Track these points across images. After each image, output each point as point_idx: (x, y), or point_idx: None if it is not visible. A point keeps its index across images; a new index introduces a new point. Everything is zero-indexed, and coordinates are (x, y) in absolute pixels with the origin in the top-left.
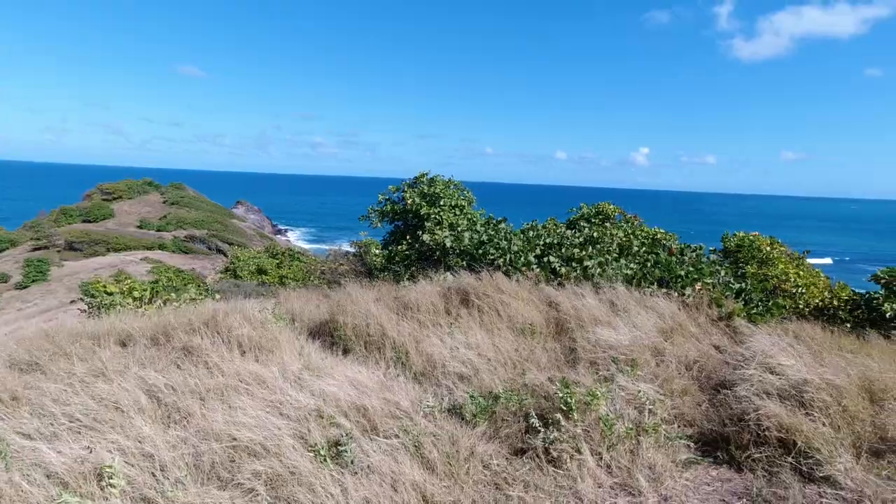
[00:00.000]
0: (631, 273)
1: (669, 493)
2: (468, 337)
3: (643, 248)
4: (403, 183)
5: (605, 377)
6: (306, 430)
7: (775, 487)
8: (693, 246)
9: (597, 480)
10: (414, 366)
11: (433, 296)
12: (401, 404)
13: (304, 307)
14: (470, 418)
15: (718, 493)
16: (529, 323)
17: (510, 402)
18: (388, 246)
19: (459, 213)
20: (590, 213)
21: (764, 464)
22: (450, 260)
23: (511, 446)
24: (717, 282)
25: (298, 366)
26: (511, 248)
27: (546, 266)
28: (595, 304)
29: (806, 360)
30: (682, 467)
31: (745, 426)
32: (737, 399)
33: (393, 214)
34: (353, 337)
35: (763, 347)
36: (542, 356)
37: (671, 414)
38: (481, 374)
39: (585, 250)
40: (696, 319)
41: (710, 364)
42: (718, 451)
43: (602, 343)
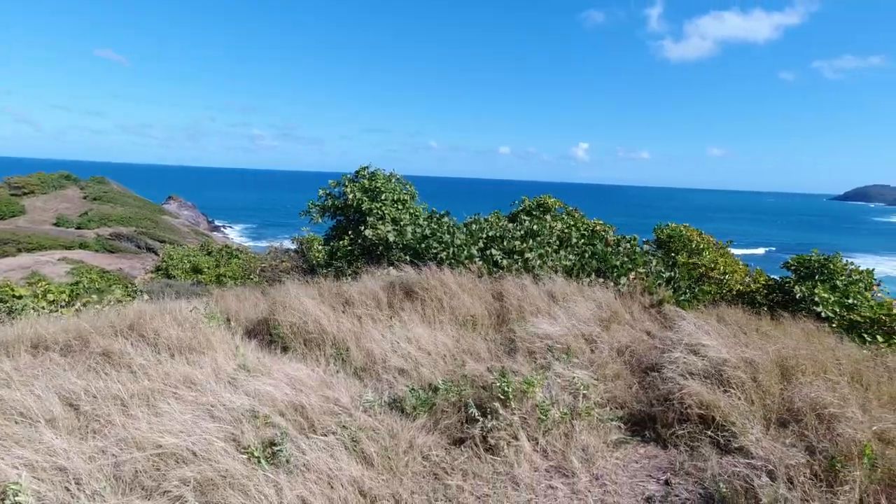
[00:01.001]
0: (570, 264)
1: (600, 472)
2: (410, 331)
3: (582, 240)
4: (344, 177)
5: (543, 365)
6: (240, 431)
7: (696, 460)
8: (628, 237)
9: (533, 465)
10: (354, 362)
11: (375, 291)
12: (340, 400)
13: (241, 306)
14: (410, 411)
15: (645, 469)
16: (471, 315)
17: (450, 393)
18: (330, 242)
19: (402, 208)
20: (531, 206)
21: (686, 439)
22: (393, 255)
23: (450, 437)
24: (650, 271)
25: (233, 366)
26: (454, 241)
27: (488, 259)
28: (535, 294)
29: (727, 341)
30: (613, 447)
31: (670, 405)
32: (663, 380)
33: (334, 209)
34: (292, 335)
35: (689, 331)
36: (483, 347)
37: (604, 397)
38: (422, 367)
39: (526, 243)
40: (629, 307)
41: (641, 349)
42: (646, 429)
43: (541, 332)
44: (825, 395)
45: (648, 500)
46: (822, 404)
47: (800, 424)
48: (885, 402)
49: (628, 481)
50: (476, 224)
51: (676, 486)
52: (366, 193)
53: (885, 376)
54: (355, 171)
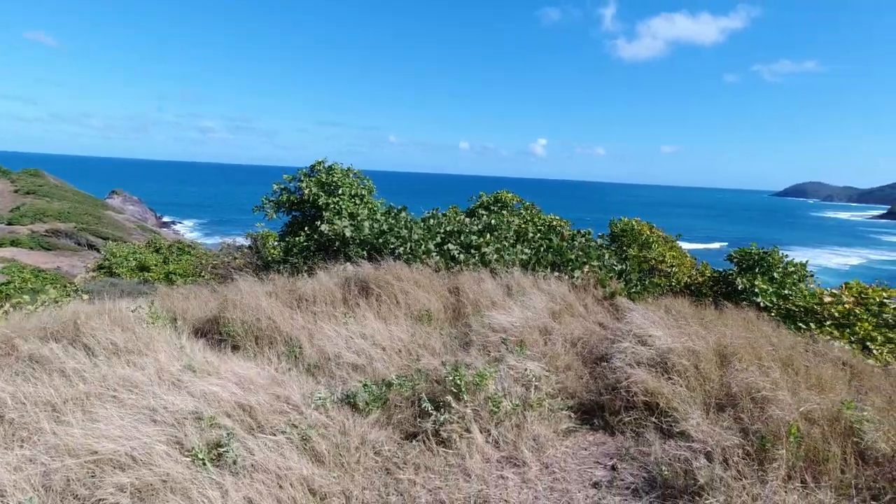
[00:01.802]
0: (526, 258)
1: (550, 460)
2: (364, 327)
3: (538, 235)
4: (300, 172)
5: (496, 358)
6: (183, 434)
7: (641, 446)
8: (583, 231)
9: (485, 456)
10: (308, 359)
11: (330, 287)
12: (291, 399)
13: (189, 304)
14: (363, 407)
15: (594, 455)
16: (426, 310)
17: (403, 388)
18: (286, 238)
19: (359, 203)
20: (489, 201)
21: (633, 426)
22: (350, 250)
23: (404, 431)
24: (603, 264)
25: (178, 367)
26: (412, 236)
27: (446, 254)
28: (492, 288)
29: (672, 331)
30: (563, 436)
31: (617, 394)
32: (612, 370)
33: (290, 205)
34: (244, 333)
35: (638, 322)
36: (438, 342)
37: (555, 388)
38: (376, 362)
39: (483, 238)
40: (583, 299)
41: (593, 340)
42: (596, 418)
43: (496, 326)
44: (759, 381)
45: (595, 486)
46: (756, 389)
47: (736, 408)
48: (812, 385)
49: (577, 468)
50: (434, 219)
51: (622, 471)
52: (322, 188)
53: (814, 361)
54: (311, 166)
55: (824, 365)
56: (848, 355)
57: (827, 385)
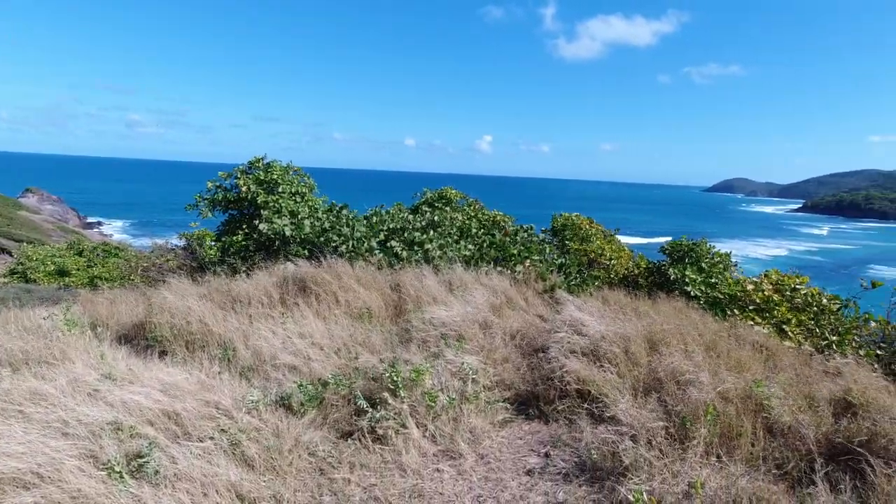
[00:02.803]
0: (469, 254)
1: (486, 451)
2: (303, 327)
3: (481, 231)
4: (236, 169)
5: (435, 353)
6: (98, 447)
7: (573, 432)
8: (525, 227)
9: (421, 450)
10: (242, 361)
11: (268, 287)
12: (221, 403)
13: (114, 310)
14: (298, 408)
15: (529, 444)
16: (367, 308)
17: (340, 387)
18: (223, 237)
19: (300, 201)
20: (433, 197)
21: (566, 413)
22: (291, 249)
23: (340, 430)
24: (544, 258)
25: (96, 376)
26: (354, 234)
27: (389, 251)
28: (434, 284)
29: (606, 320)
30: (500, 427)
31: (552, 383)
32: (548, 360)
33: (226, 203)
34: (172, 338)
35: (574, 313)
36: (379, 339)
37: (493, 380)
38: (313, 362)
39: (427, 234)
40: (524, 293)
41: (531, 332)
42: (531, 407)
43: (436, 321)
44: (683, 364)
45: (529, 473)
46: (680, 372)
47: (661, 392)
48: (731, 367)
49: (511, 457)
50: (377, 216)
51: (555, 458)
52: (261, 186)
53: (735, 344)
54: (249, 162)
55: (744, 348)
56: (765, 338)
57: (745, 366)
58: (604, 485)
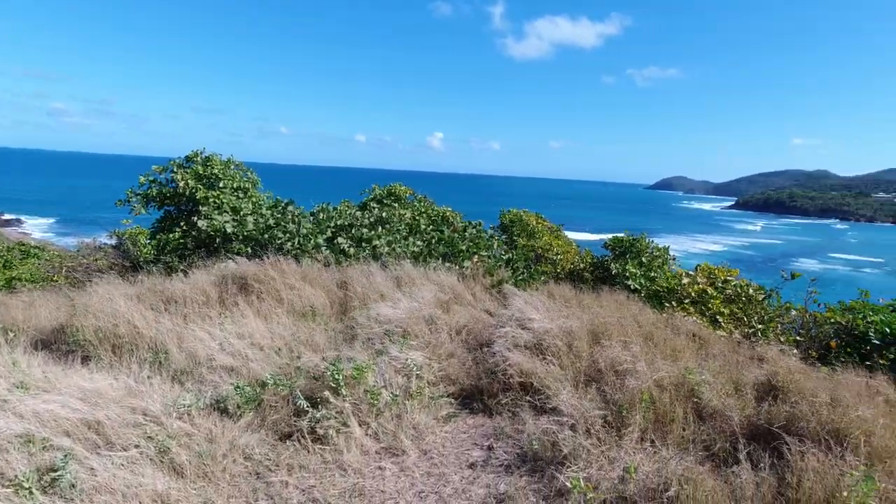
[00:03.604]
0: (418, 250)
1: (429, 446)
2: (242, 327)
3: (430, 227)
4: (172, 162)
5: (379, 350)
6: (5, 461)
7: (516, 424)
8: (474, 223)
9: (363, 449)
10: (174, 365)
11: (206, 286)
12: (149, 410)
13: (32, 313)
14: (234, 411)
15: (472, 437)
16: (311, 306)
17: (279, 387)
18: (158, 235)
19: (243, 197)
20: (382, 194)
21: (510, 406)
22: (232, 247)
23: (279, 432)
24: (492, 254)
25: (5, 385)
26: (300, 231)
27: (336, 248)
28: (382, 281)
29: (551, 314)
30: (444, 422)
31: (495, 377)
32: (492, 354)
33: (162, 199)
34: (98, 341)
35: (520, 307)
36: (323, 337)
37: (437, 376)
38: (253, 363)
39: (375, 231)
40: (472, 289)
41: (478, 327)
42: (476, 401)
43: (382, 318)
44: (622, 355)
45: (471, 466)
46: (619, 362)
47: (601, 382)
48: (667, 356)
49: (455, 451)
50: (324, 213)
51: (498, 451)
52: (200, 181)
53: (671, 335)
54: (186, 156)
55: (679, 337)
56: (699, 328)
57: (679, 355)
58: (544, 474)
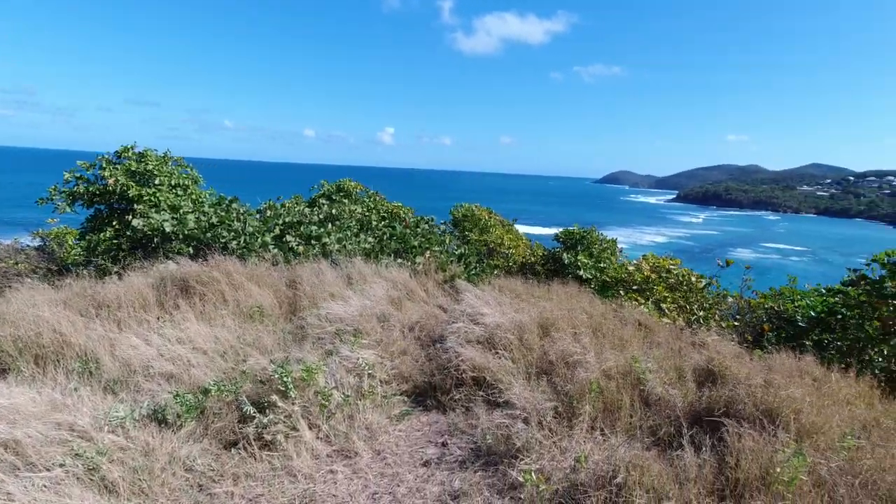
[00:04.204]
0: (369, 247)
1: (382, 446)
2: (183, 331)
3: (382, 223)
4: (100, 158)
5: (329, 350)
6: None
7: (470, 419)
8: (426, 218)
9: (314, 453)
10: (106, 374)
11: (143, 289)
12: (77, 424)
13: None
14: (173, 421)
15: (426, 435)
16: (258, 306)
17: (223, 393)
18: (87, 235)
19: (182, 194)
20: (331, 190)
21: (463, 401)
22: (172, 247)
23: (223, 440)
24: (444, 249)
25: None
26: (246, 229)
27: (284, 246)
28: (332, 279)
29: (503, 308)
30: (397, 420)
31: (448, 373)
32: (445, 350)
33: (90, 196)
34: (17, 352)
35: (472, 302)
36: (270, 339)
37: (390, 374)
38: (195, 369)
39: (325, 228)
40: (424, 284)
41: (430, 323)
42: (429, 398)
43: (333, 317)
44: (572, 346)
45: (426, 464)
46: (569, 354)
47: (552, 374)
48: (615, 345)
49: (409, 450)
50: (271, 210)
51: (452, 447)
52: (133, 177)
53: (619, 324)
54: (116, 151)
55: (626, 327)
56: (645, 317)
57: (627, 344)
58: (498, 468)
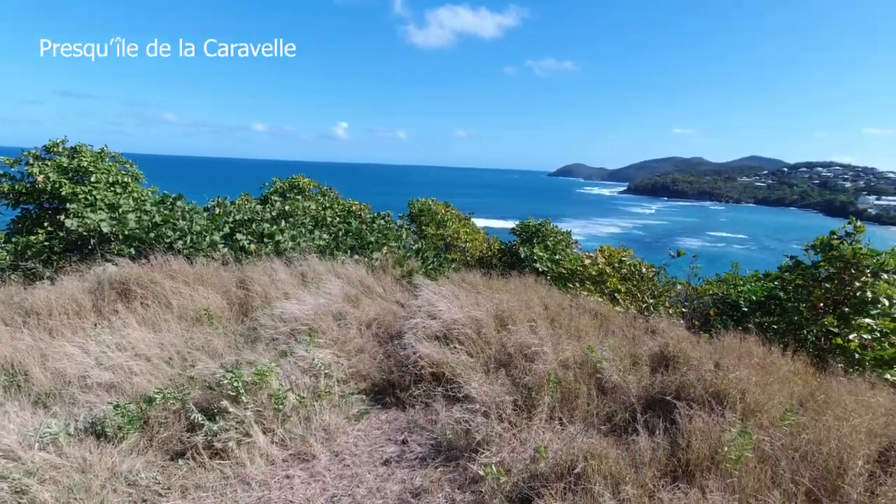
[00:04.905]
0: (324, 244)
1: (341, 447)
2: (124, 337)
3: (337, 219)
4: (27, 153)
5: (284, 351)
6: None
7: (430, 415)
8: (382, 214)
9: (269, 458)
10: (37, 387)
11: (77, 294)
12: (2, 443)
13: None
14: (114, 433)
15: (386, 433)
16: (206, 309)
17: (169, 401)
18: (14, 237)
19: (122, 192)
20: (284, 186)
21: (422, 398)
22: (112, 248)
23: (169, 451)
24: (401, 245)
25: None
26: (193, 228)
27: (235, 245)
28: (286, 278)
29: (461, 302)
30: (356, 420)
31: (407, 369)
32: (403, 347)
33: (16, 196)
34: None
35: (430, 297)
36: (221, 342)
37: (348, 373)
38: (137, 377)
39: (278, 225)
40: (382, 281)
41: (388, 319)
42: (388, 396)
43: (287, 317)
44: (529, 338)
45: (385, 463)
46: (527, 346)
47: (510, 366)
48: (571, 335)
49: (368, 450)
50: (220, 208)
51: (412, 444)
52: (65, 174)
53: (575, 314)
54: (45, 146)
55: (582, 317)
56: (600, 307)
57: (583, 333)
58: (458, 463)
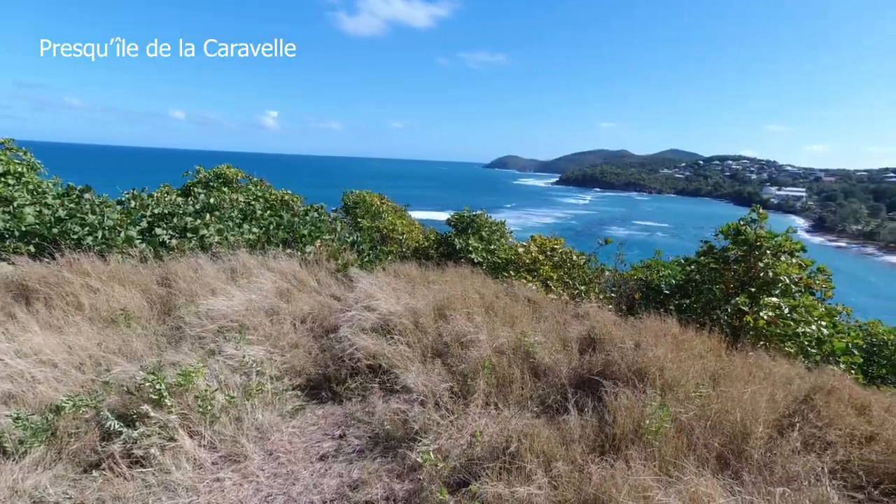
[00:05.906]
0: (254, 237)
1: (275, 446)
2: (23, 343)
3: (268, 212)
4: None
5: (212, 350)
6: None
7: (367, 407)
8: (316, 206)
9: (196, 462)
10: None
11: None
12: None
13: None
14: (15, 448)
15: (322, 428)
16: (121, 309)
17: (80, 409)
18: None
19: (15, 183)
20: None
21: (359, 390)
22: (7, 246)
23: (83, 462)
24: (336, 237)
25: None
26: (104, 222)
27: (155, 240)
28: (213, 274)
29: (398, 293)
30: (291, 417)
31: (343, 363)
32: (339, 340)
33: None
34: None
35: (366, 290)
36: (141, 343)
37: (281, 369)
38: (41, 385)
39: (202, 218)
40: (316, 274)
41: (323, 313)
42: (324, 390)
43: (214, 314)
44: (465, 327)
45: (323, 459)
46: (463, 334)
47: (446, 355)
48: (506, 322)
49: (303, 446)
50: (136, 201)
51: (350, 437)
52: None
53: (510, 302)
54: None
55: (517, 305)
56: (534, 294)
57: (517, 320)
58: (397, 453)
